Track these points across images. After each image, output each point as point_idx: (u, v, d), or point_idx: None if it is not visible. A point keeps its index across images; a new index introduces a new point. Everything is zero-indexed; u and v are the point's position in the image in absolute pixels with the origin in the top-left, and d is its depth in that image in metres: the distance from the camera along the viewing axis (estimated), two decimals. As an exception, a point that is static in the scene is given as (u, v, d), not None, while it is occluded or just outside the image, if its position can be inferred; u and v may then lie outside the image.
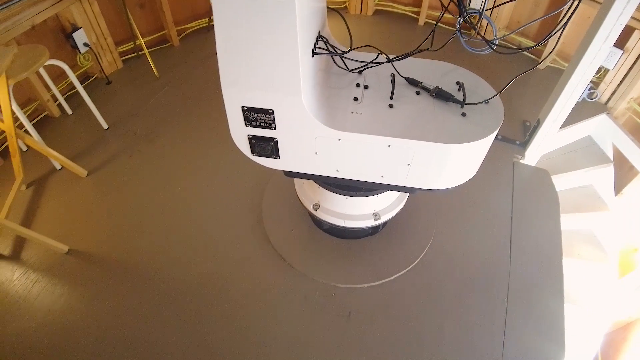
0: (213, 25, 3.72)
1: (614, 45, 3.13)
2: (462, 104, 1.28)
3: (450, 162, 1.24)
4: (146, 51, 3.26)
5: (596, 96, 3.30)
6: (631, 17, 2.90)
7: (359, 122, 1.23)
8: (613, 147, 3.32)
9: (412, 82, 1.38)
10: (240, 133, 1.29)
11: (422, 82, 1.35)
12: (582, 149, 3.42)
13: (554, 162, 3.30)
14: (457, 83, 1.37)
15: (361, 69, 1.43)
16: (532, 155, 2.69)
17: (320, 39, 1.30)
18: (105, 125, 2.80)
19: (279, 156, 1.35)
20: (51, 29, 2.95)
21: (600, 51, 2.11)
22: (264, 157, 1.37)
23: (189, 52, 3.61)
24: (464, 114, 1.26)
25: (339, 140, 1.23)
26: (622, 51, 3.13)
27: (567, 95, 2.31)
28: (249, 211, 2.21)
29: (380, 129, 1.20)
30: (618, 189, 3.44)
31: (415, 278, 1.91)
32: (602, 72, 3.35)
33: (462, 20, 1.12)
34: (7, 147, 2.71)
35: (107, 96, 3.10)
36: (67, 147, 2.64)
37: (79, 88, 2.66)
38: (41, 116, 2.94)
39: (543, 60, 3.58)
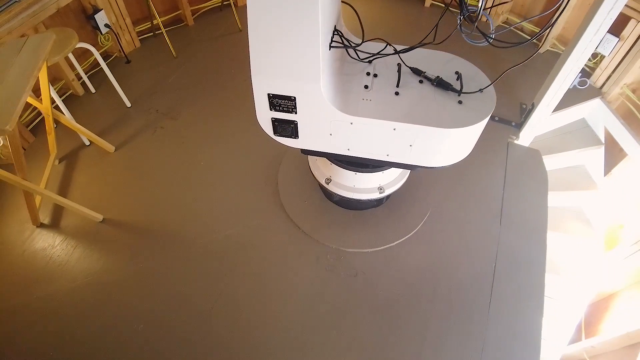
0: (225, 4, 3.86)
1: (610, 32, 3.29)
2: (459, 92, 1.47)
3: (446, 144, 1.45)
4: (163, 30, 3.41)
5: (586, 84, 3.47)
6: (627, 6, 3.06)
7: (368, 108, 1.43)
8: (605, 130, 3.50)
9: (416, 71, 1.57)
10: (265, 116, 1.49)
11: (424, 72, 1.55)
12: (576, 130, 3.60)
13: (549, 142, 3.49)
14: (456, 73, 1.56)
15: (371, 59, 1.62)
16: (527, 136, 2.88)
17: (336, 32, 1.48)
18: (128, 103, 2.99)
19: (298, 137, 1.56)
20: (73, 10, 3.11)
21: (592, 40, 2.28)
22: (284, 137, 1.58)
23: (203, 31, 3.76)
24: (460, 102, 1.46)
25: (351, 124, 1.43)
26: (617, 38, 3.28)
27: (560, 81, 2.48)
28: (265, 184, 2.43)
29: (386, 114, 1.41)
30: (607, 169, 3.64)
31: (414, 244, 2.15)
32: (598, 58, 3.50)
33: (462, 17, 1.30)
34: (38, 124, 2.92)
35: (127, 75, 3.28)
36: (93, 124, 2.84)
37: (105, 69, 2.85)
38: (67, 94, 3.12)
39: (542, 45, 3.72)
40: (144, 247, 2.18)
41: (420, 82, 1.54)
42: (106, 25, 3.21)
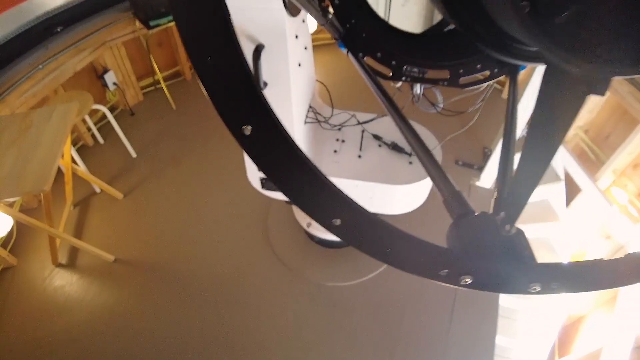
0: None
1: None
2: (410, 154, 1.85)
3: (399, 197, 1.81)
4: (163, 85, 3.82)
5: None
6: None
7: (336, 169, 1.81)
8: (564, 167, 3.91)
9: (376, 137, 1.95)
10: (254, 175, 1.86)
11: (382, 138, 1.93)
12: (538, 168, 3.99)
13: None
14: None
15: (339, 128, 2.00)
16: (489, 178, 3.26)
17: (310, 109, 1.87)
18: (134, 154, 3.36)
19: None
20: (86, 71, 3.51)
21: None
22: (270, 191, 1.94)
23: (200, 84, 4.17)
24: (410, 162, 1.83)
25: None
26: (567, 87, 3.72)
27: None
28: (256, 226, 2.78)
29: (350, 174, 1.78)
30: (569, 202, 4.02)
31: (385, 277, 2.48)
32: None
33: (412, 97, 1.68)
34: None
35: (132, 126, 3.66)
36: (103, 173, 3.19)
37: (113, 122, 3.23)
38: (78, 145, 3.49)
39: (505, 91, 4.17)
40: (151, 284, 2.50)
41: (379, 146, 1.92)
42: (114, 83, 3.62)
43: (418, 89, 1.34)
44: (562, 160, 3.89)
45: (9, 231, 2.68)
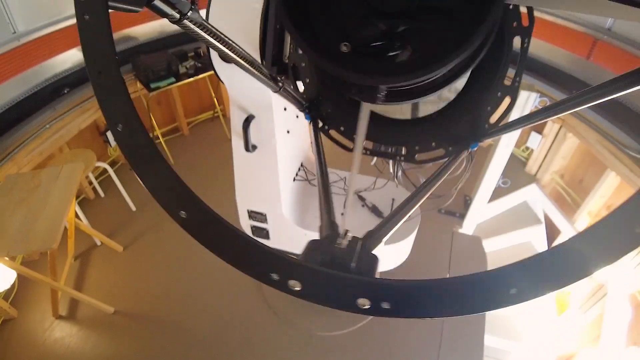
0: (216, 116, 4.55)
1: (535, 131, 4.01)
2: None
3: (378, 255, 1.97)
4: (162, 140, 4.05)
5: (508, 184, 4.09)
6: (539, 104, 3.78)
7: (317, 224, 1.98)
8: (543, 210, 4.11)
9: (360, 198, 2.13)
10: (245, 223, 2.03)
11: (365, 200, 2.10)
12: (520, 212, 4.20)
13: (497, 224, 4.06)
14: (392, 199, 2.12)
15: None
16: (470, 225, 3.45)
17: (301, 168, 2.07)
18: (133, 207, 3.52)
19: (270, 239, 2.08)
20: (89, 128, 3.73)
21: (503, 154, 2.92)
22: (261, 238, 2.10)
23: (197, 139, 4.41)
24: None
25: (305, 234, 1.97)
26: (541, 136, 3.99)
27: (487, 181, 3.10)
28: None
29: None
30: (549, 244, 4.19)
31: (373, 326, 2.60)
32: (529, 151, 4.20)
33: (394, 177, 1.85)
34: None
35: (132, 180, 3.82)
36: (103, 226, 3.34)
37: (114, 177, 3.42)
38: (80, 198, 3.65)
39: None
40: (149, 335, 2.60)
41: (362, 206, 2.10)
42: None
43: (397, 171, 1.49)
44: (541, 203, 4.10)
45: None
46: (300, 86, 1.21)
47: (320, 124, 1.21)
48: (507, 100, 1.01)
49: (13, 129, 3.20)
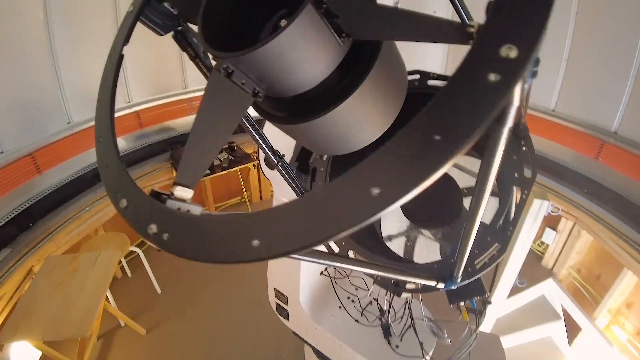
0: (243, 201, 4.79)
1: (549, 226, 4.10)
2: (396, 347, 2.04)
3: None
4: (190, 223, 4.26)
5: (524, 284, 4.12)
6: (555, 207, 3.90)
7: (330, 323, 2.06)
8: (561, 305, 4.08)
9: (380, 310, 2.18)
10: (272, 299, 2.16)
11: (384, 314, 2.14)
12: (538, 306, 4.17)
13: (515, 320, 4.03)
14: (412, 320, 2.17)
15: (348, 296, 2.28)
16: (488, 322, 3.45)
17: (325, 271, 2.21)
18: (159, 290, 3.67)
19: (289, 320, 2.16)
20: (124, 211, 3.99)
21: (518, 257, 3.01)
22: (282, 317, 2.19)
23: (222, 221, 4.63)
24: (397, 346, 1.97)
25: (316, 329, 2.05)
26: (556, 232, 4.08)
27: (504, 282, 3.17)
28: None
29: (339, 334, 1.99)
30: (570, 340, 4.10)
31: None
32: (545, 246, 4.26)
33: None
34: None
35: (159, 261, 4.01)
36: (128, 306, 3.47)
37: (143, 259, 3.60)
38: (108, 278, 3.83)
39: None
40: None
41: (379, 319, 2.16)
42: (147, 222, 4.07)
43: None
44: (559, 298, 4.07)
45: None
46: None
47: None
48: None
49: (57, 209, 3.49)
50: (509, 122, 0.39)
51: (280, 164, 1.13)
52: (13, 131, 3.19)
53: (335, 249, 1.15)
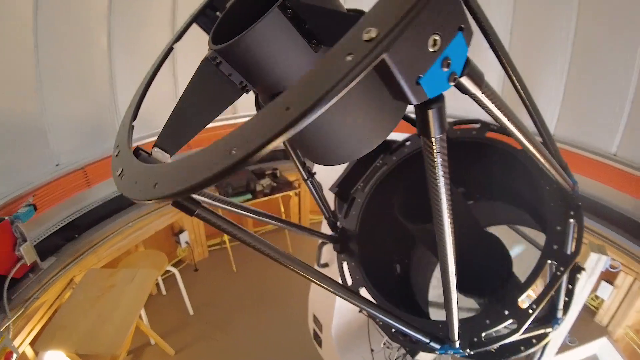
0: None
1: (605, 280, 3.80)
2: None
3: None
4: (229, 247, 4.28)
5: (575, 342, 3.80)
6: (615, 260, 3.62)
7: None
8: (617, 368, 3.72)
9: None
10: (310, 324, 2.12)
11: None
12: (590, 366, 3.82)
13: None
14: None
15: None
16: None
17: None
18: (191, 311, 3.66)
19: (322, 348, 2.09)
20: (164, 230, 4.06)
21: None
22: (317, 344, 2.12)
23: (260, 248, 4.62)
24: None
25: None
26: (613, 287, 3.76)
27: (553, 338, 2.93)
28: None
29: None
30: (626, 408, 3.71)
31: None
32: (599, 301, 3.93)
33: None
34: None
35: (194, 281, 4.03)
36: (160, 324, 3.47)
37: (178, 278, 3.62)
38: (144, 294, 3.87)
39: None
40: None
41: None
42: (186, 242, 4.12)
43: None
44: (613, 359, 3.72)
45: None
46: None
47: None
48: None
49: (101, 223, 3.59)
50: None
51: (309, 179, 1.20)
52: (69, 146, 3.35)
53: (349, 281, 1.16)
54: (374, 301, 1.06)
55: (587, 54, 3.53)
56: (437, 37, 0.38)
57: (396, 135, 1.32)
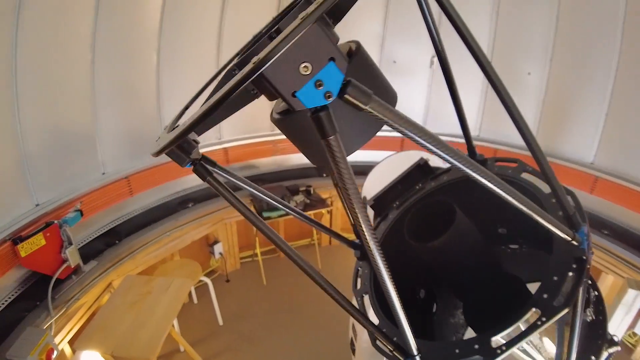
0: (312, 244, 4.81)
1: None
2: None
3: None
4: (260, 260, 4.34)
5: None
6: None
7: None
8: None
9: None
10: (350, 333, 2.17)
11: None
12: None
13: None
14: None
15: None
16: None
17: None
18: (220, 322, 3.72)
19: (354, 356, 2.11)
20: (199, 240, 4.17)
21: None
22: (352, 352, 2.14)
23: (292, 264, 4.65)
24: None
25: None
26: (656, 325, 3.54)
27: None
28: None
29: None
30: None
31: None
32: (637, 337, 3.71)
33: None
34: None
35: (225, 292, 4.10)
36: (190, 333, 3.54)
37: (210, 288, 3.69)
38: (177, 302, 3.97)
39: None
40: None
41: None
42: (220, 253, 4.22)
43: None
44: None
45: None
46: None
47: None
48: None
49: (141, 231, 3.73)
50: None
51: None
52: (116, 155, 3.53)
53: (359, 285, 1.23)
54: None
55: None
56: (307, 64, 0.51)
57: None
